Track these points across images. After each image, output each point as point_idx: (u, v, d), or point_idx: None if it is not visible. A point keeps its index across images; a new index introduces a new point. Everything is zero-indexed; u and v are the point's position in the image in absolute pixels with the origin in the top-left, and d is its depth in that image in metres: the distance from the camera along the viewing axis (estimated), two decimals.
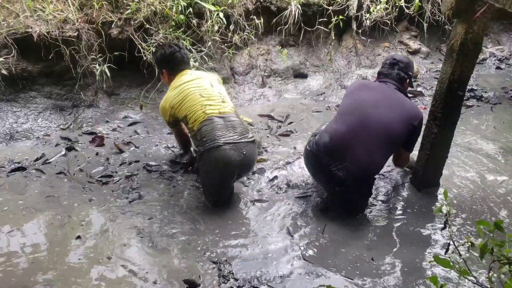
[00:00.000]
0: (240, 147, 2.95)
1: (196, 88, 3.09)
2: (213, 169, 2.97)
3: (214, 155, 2.92)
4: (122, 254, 2.58)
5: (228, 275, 2.45)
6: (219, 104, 3.06)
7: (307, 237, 2.82)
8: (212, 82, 3.20)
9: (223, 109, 3.05)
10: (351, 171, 2.81)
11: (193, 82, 3.15)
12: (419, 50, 6.19)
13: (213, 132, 2.93)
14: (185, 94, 3.07)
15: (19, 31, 3.92)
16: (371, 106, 2.92)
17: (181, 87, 3.12)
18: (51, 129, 4.09)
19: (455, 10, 2.80)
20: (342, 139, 2.87)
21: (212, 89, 3.12)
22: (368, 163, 2.84)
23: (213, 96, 3.08)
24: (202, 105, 3.01)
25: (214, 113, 3.00)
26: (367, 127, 2.86)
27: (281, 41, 5.55)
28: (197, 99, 3.04)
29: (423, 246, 2.78)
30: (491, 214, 3.15)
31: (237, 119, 3.09)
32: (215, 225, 2.90)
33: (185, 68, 3.29)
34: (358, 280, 2.46)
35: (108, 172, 3.50)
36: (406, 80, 3.20)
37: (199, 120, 2.98)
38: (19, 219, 2.84)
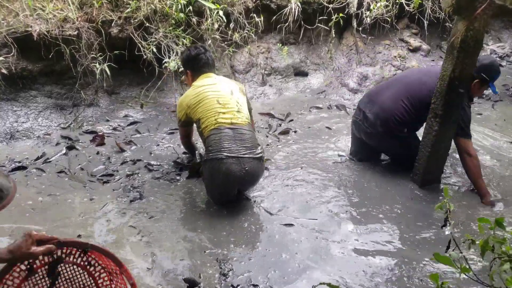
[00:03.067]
0: (243, 162, 2.91)
1: (215, 93, 3.06)
2: (214, 178, 2.99)
3: (216, 166, 2.91)
4: (123, 253, 2.58)
5: (228, 274, 2.45)
6: (233, 113, 3.01)
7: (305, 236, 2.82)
8: (233, 89, 3.15)
9: (236, 119, 3.01)
10: (378, 114, 3.37)
11: (213, 86, 3.11)
12: (420, 47, 6.17)
13: (220, 143, 2.91)
14: (203, 97, 3.04)
15: (19, 30, 3.92)
16: (410, 72, 3.72)
17: (201, 89, 3.09)
18: (51, 128, 4.10)
19: (455, 7, 2.79)
20: (377, 87, 3.76)
21: (230, 96, 3.08)
22: (390, 107, 3.33)
23: (229, 105, 3.03)
24: (216, 112, 2.98)
25: (226, 123, 2.97)
26: (398, 81, 3.52)
27: (281, 39, 5.54)
28: (212, 104, 3.01)
29: (423, 243, 2.78)
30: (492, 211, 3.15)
31: (248, 132, 3.03)
32: (216, 224, 2.90)
33: (209, 71, 3.26)
34: (357, 277, 2.46)
35: (109, 171, 3.50)
36: (474, 80, 3.20)
37: (210, 127, 2.97)
38: (19, 218, 2.84)
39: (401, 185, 3.43)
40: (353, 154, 3.82)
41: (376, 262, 2.59)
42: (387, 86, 3.55)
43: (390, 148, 3.50)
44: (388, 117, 3.34)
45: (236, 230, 2.85)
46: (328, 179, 3.46)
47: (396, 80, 3.63)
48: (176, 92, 4.80)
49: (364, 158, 3.73)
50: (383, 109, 3.37)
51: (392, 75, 5.68)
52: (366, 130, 3.48)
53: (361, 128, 3.53)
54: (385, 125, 3.36)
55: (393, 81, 3.62)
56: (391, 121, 3.33)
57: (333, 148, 4.00)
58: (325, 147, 4.03)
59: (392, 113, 3.33)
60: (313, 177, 3.48)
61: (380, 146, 3.58)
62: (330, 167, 3.65)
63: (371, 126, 3.43)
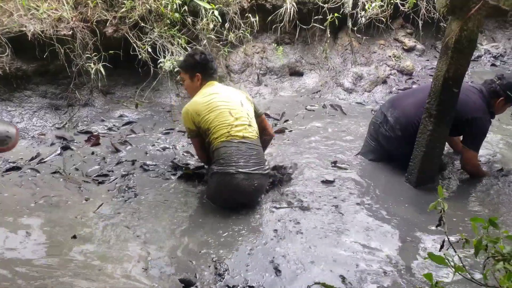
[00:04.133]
0: (253, 177, 2.92)
1: (226, 104, 3.02)
2: (222, 191, 2.98)
3: (225, 180, 2.90)
4: (118, 253, 2.58)
5: (224, 274, 2.45)
6: (245, 127, 2.99)
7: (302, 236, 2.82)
8: (242, 100, 3.12)
9: (247, 133, 2.99)
10: (399, 118, 3.43)
11: (223, 95, 3.08)
12: (414, 47, 6.20)
13: (231, 157, 2.90)
14: (214, 107, 3.00)
15: (13, 30, 3.90)
16: None
17: (212, 96, 3.05)
18: (46, 128, 4.08)
19: (450, 7, 2.81)
20: (400, 94, 3.91)
21: (241, 108, 3.05)
22: (411, 113, 3.39)
23: (241, 117, 3.01)
24: (228, 125, 2.95)
25: (238, 136, 2.94)
26: (422, 89, 3.54)
27: (277, 39, 5.55)
28: (225, 116, 2.97)
29: (418, 243, 2.79)
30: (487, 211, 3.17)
31: (258, 147, 3.03)
32: (212, 224, 2.90)
33: (216, 79, 3.25)
34: (352, 277, 2.47)
35: (104, 171, 3.49)
36: (499, 97, 3.39)
37: (221, 139, 2.93)
38: (14, 219, 2.83)
39: (396, 185, 3.45)
40: (364, 155, 3.83)
41: (371, 262, 2.60)
42: (411, 93, 3.69)
43: (404, 153, 3.44)
44: (409, 122, 3.38)
45: (232, 230, 2.84)
46: (322, 178, 3.47)
47: (421, 88, 3.81)
48: (172, 92, 4.80)
49: (376, 160, 3.75)
50: (405, 114, 3.42)
51: (387, 75, 5.71)
52: (385, 133, 3.52)
53: (380, 130, 3.58)
54: (404, 130, 3.40)
55: (417, 89, 3.82)
56: (411, 127, 3.36)
57: (329, 148, 4.01)
58: (321, 146, 4.04)
59: (412, 118, 3.36)
60: (307, 175, 3.48)
61: (395, 150, 3.57)
62: (325, 166, 3.66)
63: (390, 129, 3.48)
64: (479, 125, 3.31)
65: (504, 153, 4.01)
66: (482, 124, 3.31)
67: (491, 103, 3.40)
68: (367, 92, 5.50)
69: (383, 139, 3.58)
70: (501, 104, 3.42)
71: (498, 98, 3.39)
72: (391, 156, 3.65)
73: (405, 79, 5.79)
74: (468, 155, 3.41)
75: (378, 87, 5.58)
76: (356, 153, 3.86)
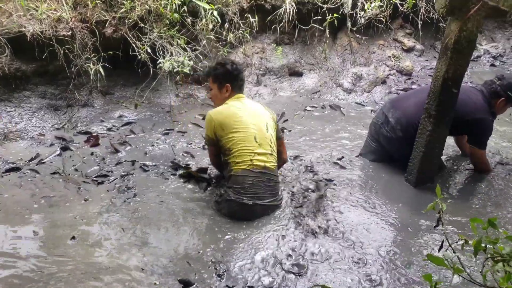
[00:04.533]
0: (267, 208, 2.93)
1: (253, 127, 2.93)
2: (234, 215, 2.94)
3: (241, 208, 2.88)
4: (116, 253, 2.57)
5: (223, 275, 2.45)
6: (267, 156, 2.92)
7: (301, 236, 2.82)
8: (268, 123, 3.01)
9: (269, 163, 2.93)
10: (400, 119, 3.43)
11: (251, 115, 2.98)
12: (414, 47, 6.21)
13: (251, 188, 2.86)
14: (241, 126, 2.90)
15: (12, 31, 3.90)
16: None
17: (240, 113, 2.94)
18: (45, 129, 4.08)
19: (449, 7, 2.81)
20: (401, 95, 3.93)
21: (266, 134, 2.96)
22: (412, 113, 3.37)
23: (265, 145, 2.93)
24: (252, 152, 2.88)
25: (259, 166, 2.88)
26: (424, 90, 3.44)
27: (276, 39, 5.55)
28: (250, 141, 2.89)
29: (418, 243, 2.79)
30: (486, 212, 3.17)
31: (276, 177, 3.01)
32: (212, 225, 2.89)
33: (243, 92, 3.13)
34: (348, 279, 2.47)
35: (103, 171, 3.48)
36: (500, 98, 3.40)
37: (243, 167, 2.87)
38: (13, 220, 2.83)
39: (395, 185, 3.45)
40: (364, 155, 3.83)
41: (369, 262, 2.60)
42: (412, 94, 3.68)
43: (405, 154, 3.44)
44: (409, 122, 3.38)
45: (232, 231, 2.84)
46: (322, 178, 3.47)
47: (422, 89, 3.78)
48: (171, 92, 4.79)
49: (376, 160, 3.75)
50: (406, 115, 3.43)
51: (386, 75, 5.72)
52: (386, 134, 3.52)
53: (381, 131, 3.57)
54: (405, 130, 3.40)
55: (419, 90, 3.78)
56: (412, 127, 3.35)
57: (328, 148, 4.01)
58: (320, 146, 4.04)
59: (413, 119, 3.35)
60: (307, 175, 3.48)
61: (395, 151, 3.57)
62: (324, 166, 3.66)
63: (391, 130, 3.48)
64: (483, 125, 3.34)
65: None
66: (485, 124, 3.35)
67: (492, 104, 3.42)
68: (367, 92, 5.51)
69: (384, 139, 3.58)
70: (502, 104, 3.44)
71: (498, 99, 3.41)
72: (391, 157, 3.65)
73: (405, 79, 5.79)
74: (477, 154, 3.49)
75: (377, 87, 5.59)
76: (356, 154, 3.86)
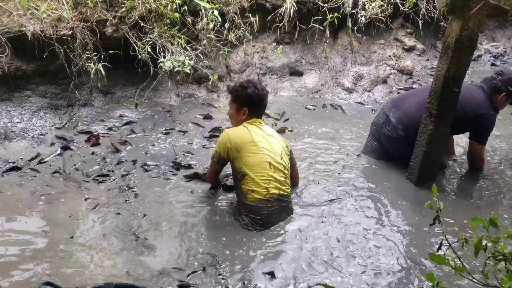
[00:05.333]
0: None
1: (268, 153, 2.88)
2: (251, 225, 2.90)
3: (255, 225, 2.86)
4: (117, 253, 2.57)
5: (224, 275, 2.44)
6: (281, 183, 2.88)
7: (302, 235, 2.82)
8: (283, 152, 2.97)
9: (283, 190, 2.89)
10: (401, 118, 3.44)
11: (268, 141, 2.92)
12: (415, 47, 6.20)
13: (269, 218, 2.84)
14: (257, 152, 2.85)
15: (12, 30, 3.90)
16: None
17: (257, 138, 2.89)
18: (46, 128, 4.07)
19: (450, 7, 2.81)
20: (402, 94, 3.88)
21: (280, 160, 2.92)
22: (414, 113, 3.38)
23: (279, 172, 2.89)
24: (267, 180, 2.83)
25: (275, 194, 2.84)
26: (425, 90, 3.43)
27: (277, 38, 5.55)
28: (265, 168, 2.84)
29: (419, 242, 2.79)
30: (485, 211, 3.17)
31: (290, 202, 3.00)
32: (213, 225, 2.89)
33: (261, 117, 3.08)
34: (351, 277, 2.47)
35: (104, 171, 3.48)
36: (501, 93, 3.42)
37: (260, 197, 2.81)
38: (14, 219, 2.82)
39: (396, 184, 3.44)
40: (366, 154, 3.84)
41: (370, 261, 2.60)
42: (413, 94, 3.67)
43: (406, 154, 3.44)
44: (411, 122, 3.39)
45: (233, 231, 2.84)
46: (323, 177, 3.46)
47: (423, 88, 3.73)
48: (172, 92, 4.79)
49: (377, 159, 3.76)
50: (407, 114, 3.43)
51: (387, 75, 5.71)
52: (387, 133, 3.53)
53: (382, 131, 3.58)
54: (406, 130, 3.41)
55: (420, 90, 3.75)
56: (413, 127, 3.36)
57: (329, 147, 4.01)
58: (321, 145, 4.04)
59: (415, 119, 3.35)
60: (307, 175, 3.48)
61: (396, 150, 3.58)
62: (324, 165, 3.66)
63: (392, 129, 3.49)
64: (486, 120, 3.36)
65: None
66: (488, 119, 3.37)
67: (493, 99, 3.44)
68: (367, 91, 5.50)
69: (385, 139, 3.58)
70: (503, 99, 3.46)
71: (500, 94, 3.43)
72: (392, 156, 3.65)
73: (405, 78, 5.79)
74: (478, 150, 3.50)
75: (378, 86, 5.58)
76: (357, 153, 3.86)
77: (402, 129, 3.43)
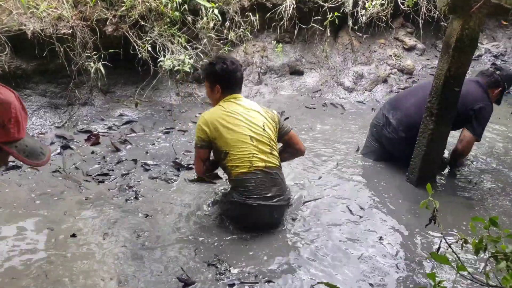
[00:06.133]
0: (274, 209, 2.80)
1: (249, 126, 2.74)
2: (241, 219, 2.87)
3: (247, 211, 2.78)
4: (118, 252, 2.57)
5: (224, 273, 2.44)
6: (267, 155, 2.75)
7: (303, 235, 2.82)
8: (265, 123, 2.80)
9: (269, 163, 2.76)
10: (401, 119, 3.44)
11: (247, 113, 2.78)
12: (415, 46, 6.19)
13: (255, 189, 2.72)
14: (236, 128, 2.73)
15: (12, 29, 3.89)
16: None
17: (234, 115, 2.76)
18: (45, 127, 4.07)
19: (451, 6, 2.80)
20: (399, 94, 3.83)
21: (263, 132, 2.77)
22: (414, 113, 3.37)
23: (263, 144, 2.75)
24: (250, 154, 2.71)
25: (261, 166, 2.73)
26: (422, 88, 3.52)
27: (277, 38, 5.54)
28: (247, 143, 2.72)
29: (420, 242, 2.79)
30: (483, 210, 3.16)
31: (279, 175, 2.84)
32: (213, 225, 2.89)
33: (239, 92, 2.89)
34: (351, 277, 2.46)
35: (104, 170, 3.48)
36: (498, 88, 3.49)
37: (243, 171, 2.72)
38: (13, 218, 2.82)
39: (397, 184, 3.44)
40: (365, 155, 3.84)
41: (371, 261, 2.59)
42: (411, 93, 3.64)
43: (407, 154, 3.43)
44: (411, 122, 3.38)
45: (233, 230, 2.84)
46: (323, 176, 3.46)
47: (420, 87, 3.70)
48: (172, 91, 4.78)
49: (377, 159, 3.76)
50: (407, 115, 3.43)
51: (387, 74, 5.70)
52: (388, 135, 3.53)
53: (383, 132, 3.58)
54: (407, 131, 3.41)
55: (417, 88, 3.70)
56: (414, 127, 3.34)
57: (330, 146, 4.00)
58: (321, 144, 4.03)
59: (415, 119, 3.34)
60: (307, 174, 3.48)
61: (398, 150, 3.58)
62: (323, 164, 3.65)
63: (393, 131, 3.49)
64: (484, 112, 3.37)
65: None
66: (486, 111, 3.39)
67: (489, 93, 3.46)
68: (368, 91, 5.50)
69: (386, 141, 3.58)
70: (498, 94, 3.51)
71: (497, 89, 3.47)
72: (392, 155, 3.65)
73: (406, 78, 5.78)
74: (472, 140, 3.47)
75: (378, 86, 5.58)
76: (357, 152, 3.86)
77: (403, 130, 3.43)
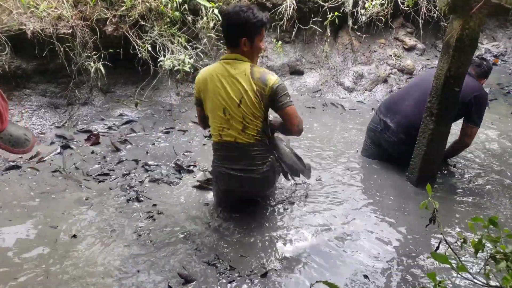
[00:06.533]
0: (241, 179, 2.78)
1: (225, 99, 2.60)
2: (216, 185, 2.97)
3: (217, 176, 2.87)
4: (119, 252, 2.57)
5: (224, 272, 2.44)
6: (238, 132, 2.65)
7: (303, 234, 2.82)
8: (244, 98, 2.57)
9: (240, 140, 2.67)
10: (400, 122, 3.43)
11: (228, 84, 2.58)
12: (415, 46, 6.19)
13: (224, 160, 2.78)
14: (212, 96, 2.64)
15: (12, 28, 3.89)
16: (426, 75, 3.58)
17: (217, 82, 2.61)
18: (46, 127, 4.07)
19: (451, 5, 2.80)
20: (394, 96, 3.70)
21: (237, 110, 2.60)
22: (412, 114, 3.37)
23: (236, 120, 2.63)
24: (221, 126, 2.68)
25: (230, 141, 2.70)
26: (416, 87, 3.51)
27: (277, 37, 5.54)
28: (219, 114, 2.65)
29: (420, 242, 2.78)
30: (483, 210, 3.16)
31: (254, 150, 2.71)
32: (213, 224, 2.89)
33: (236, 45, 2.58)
34: (351, 277, 2.46)
35: (104, 170, 3.48)
36: (485, 78, 3.57)
37: (215, 139, 2.77)
38: (14, 218, 2.82)
39: (397, 184, 3.44)
40: (365, 155, 3.84)
41: (371, 261, 2.59)
42: (407, 94, 3.56)
43: (408, 155, 3.43)
44: (411, 124, 3.37)
45: (233, 230, 2.84)
46: (322, 175, 3.46)
47: (414, 86, 3.60)
48: (172, 91, 4.78)
49: (377, 159, 3.77)
50: (406, 117, 3.42)
51: (387, 74, 5.70)
52: (388, 138, 3.52)
53: (382, 136, 3.58)
54: (407, 132, 3.40)
55: (411, 88, 3.59)
56: (413, 128, 3.34)
57: (330, 146, 4.00)
58: (321, 144, 4.03)
59: (414, 120, 3.33)
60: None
61: (398, 152, 3.57)
62: (323, 163, 3.65)
63: (393, 134, 3.48)
64: (481, 100, 3.35)
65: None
66: (483, 99, 3.37)
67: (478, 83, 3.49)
68: (368, 91, 5.50)
69: (386, 144, 3.58)
70: (483, 84, 3.52)
71: (484, 79, 3.52)
72: (391, 156, 3.64)
73: (406, 78, 5.78)
74: (474, 131, 3.44)
75: (378, 86, 5.58)
76: (357, 151, 3.86)
77: (403, 133, 3.42)
